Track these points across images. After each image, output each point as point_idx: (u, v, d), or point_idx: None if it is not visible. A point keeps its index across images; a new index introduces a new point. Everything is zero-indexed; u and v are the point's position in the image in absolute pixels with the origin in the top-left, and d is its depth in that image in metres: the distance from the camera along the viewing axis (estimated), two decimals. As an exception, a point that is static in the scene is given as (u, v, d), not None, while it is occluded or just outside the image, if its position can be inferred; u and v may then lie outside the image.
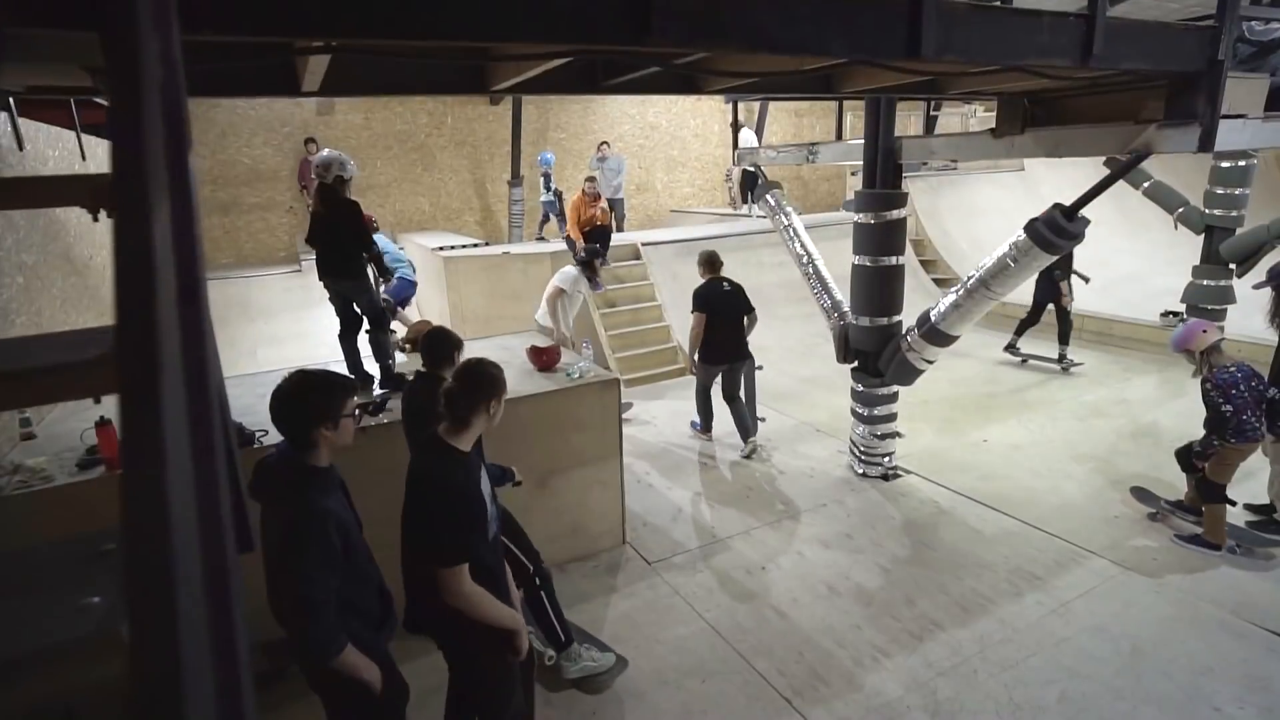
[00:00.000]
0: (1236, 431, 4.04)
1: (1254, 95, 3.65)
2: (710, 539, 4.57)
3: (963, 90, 4.56)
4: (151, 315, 0.48)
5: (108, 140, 0.62)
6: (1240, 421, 4.02)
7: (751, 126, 12.56)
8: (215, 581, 0.51)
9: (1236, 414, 4.02)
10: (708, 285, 5.81)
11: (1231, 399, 4.03)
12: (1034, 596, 3.87)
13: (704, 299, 5.72)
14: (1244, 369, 4.14)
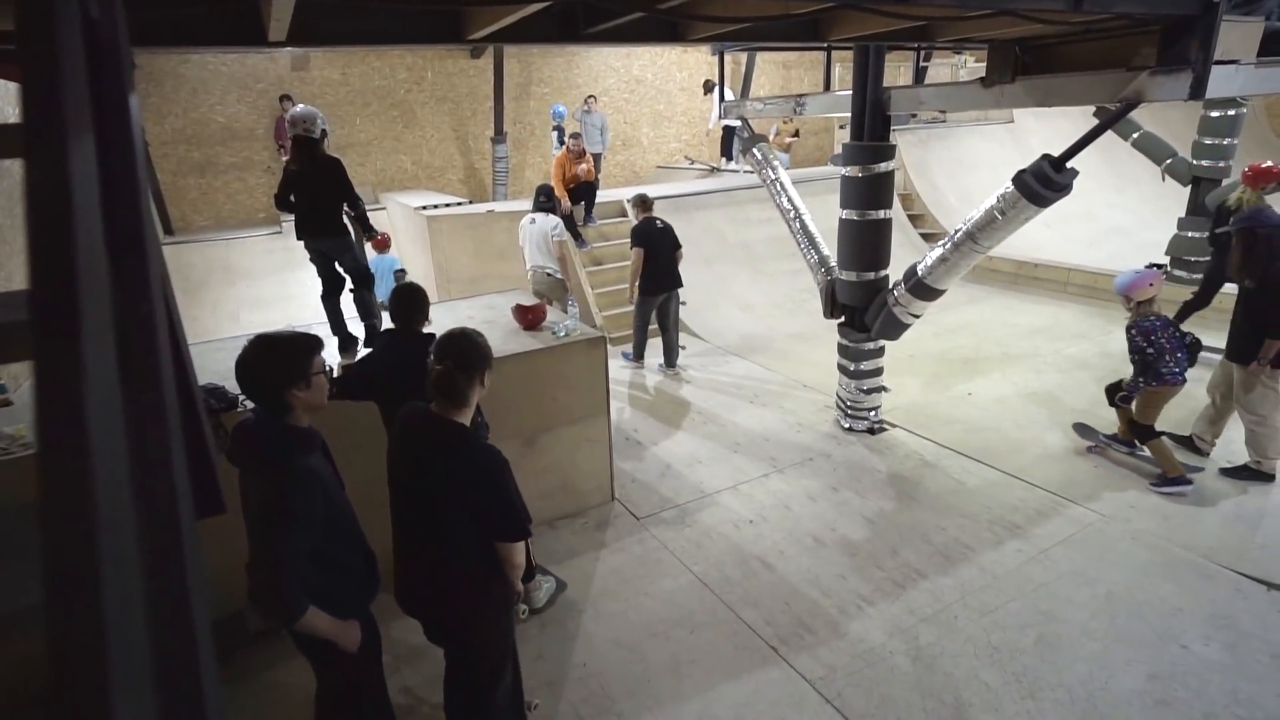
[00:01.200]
0: (1158, 376, 4.30)
1: (1248, 40, 3.59)
2: (698, 494, 4.61)
3: (954, 37, 4.46)
4: (67, 265, 0.44)
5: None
6: (1162, 365, 4.29)
7: (732, 84, 12.30)
8: (163, 550, 0.49)
9: (1159, 356, 4.26)
10: (644, 224, 6.48)
11: (1153, 343, 4.27)
12: (1014, 545, 3.95)
13: (642, 235, 6.38)
14: (1162, 319, 4.38)
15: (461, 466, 2.12)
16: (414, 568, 2.28)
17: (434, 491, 2.16)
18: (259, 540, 1.96)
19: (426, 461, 2.18)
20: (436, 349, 2.18)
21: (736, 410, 5.84)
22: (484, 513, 2.15)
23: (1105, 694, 2.96)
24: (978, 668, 3.12)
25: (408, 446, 2.25)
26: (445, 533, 2.19)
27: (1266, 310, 4.20)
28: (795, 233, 5.82)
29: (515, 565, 2.24)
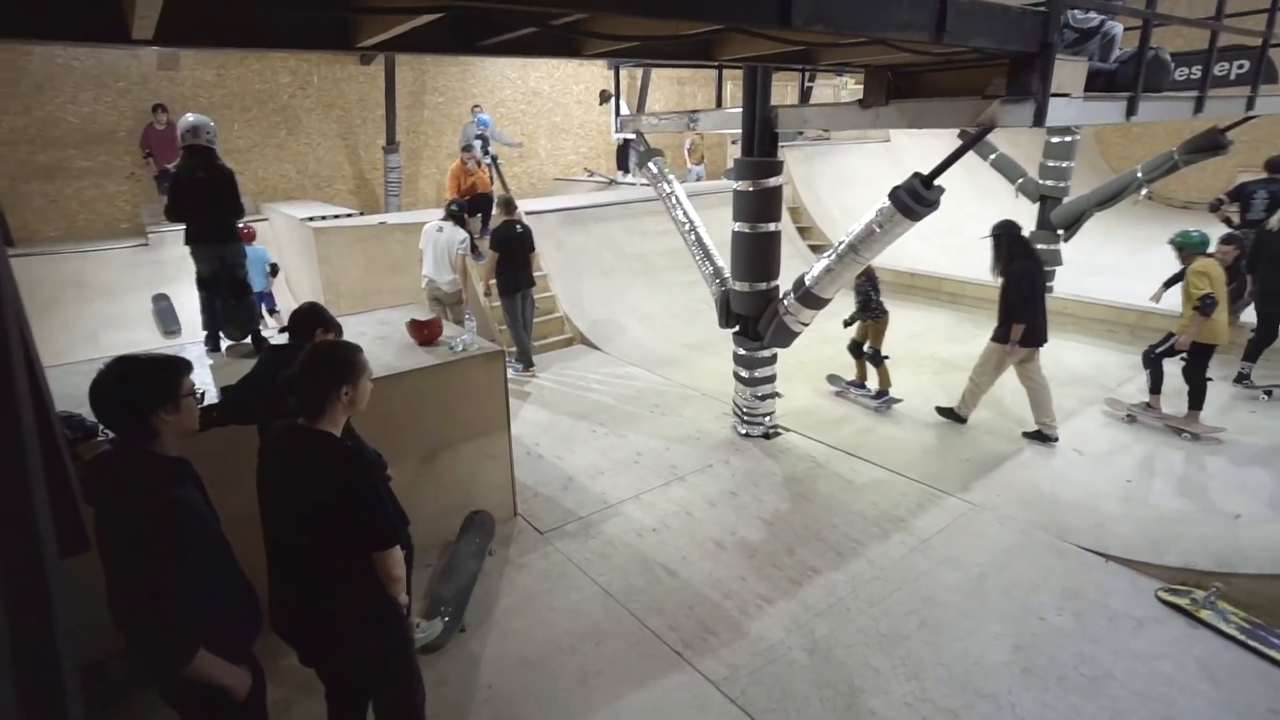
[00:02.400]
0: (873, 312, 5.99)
1: (1076, 76, 4.04)
2: (602, 505, 4.63)
3: (833, 61, 4.74)
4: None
5: None
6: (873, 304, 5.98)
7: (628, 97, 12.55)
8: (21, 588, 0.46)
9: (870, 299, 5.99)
10: (504, 227, 6.73)
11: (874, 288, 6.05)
12: (899, 537, 4.22)
13: (501, 239, 6.67)
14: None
15: (324, 473, 2.03)
16: (288, 592, 2.14)
17: (300, 505, 2.05)
18: (128, 581, 1.77)
19: (291, 474, 2.08)
20: (302, 358, 2.11)
21: (637, 420, 5.92)
22: (350, 520, 2.04)
23: (979, 668, 3.21)
24: (868, 655, 3.31)
25: (272, 462, 2.14)
26: (318, 550, 2.06)
27: (1004, 300, 5.30)
28: (690, 245, 5.98)
29: (393, 578, 2.13)
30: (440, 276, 6.44)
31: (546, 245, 8.59)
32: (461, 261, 6.44)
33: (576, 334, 8.09)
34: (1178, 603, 3.54)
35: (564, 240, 8.81)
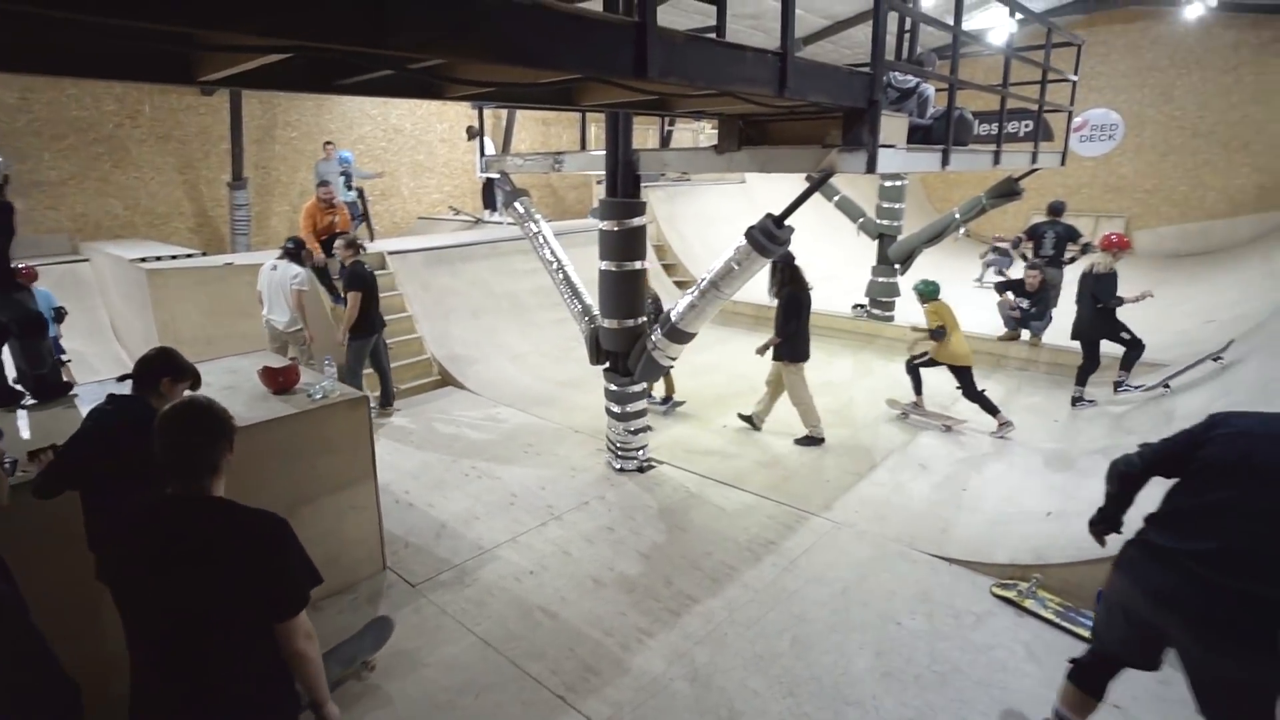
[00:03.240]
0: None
1: (899, 130, 4.54)
2: (477, 551, 4.50)
3: (688, 110, 5.02)
4: None
5: None
6: None
7: (493, 134, 12.57)
8: None
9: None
10: (358, 266, 6.48)
11: None
12: (770, 559, 4.41)
13: (361, 278, 6.40)
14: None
15: (248, 544, 1.79)
16: (181, 691, 1.80)
17: (212, 587, 1.75)
18: None
19: (200, 555, 1.77)
20: (169, 423, 1.85)
21: (511, 461, 5.83)
22: (267, 588, 1.80)
23: (846, 677, 3.40)
24: (746, 677, 3.42)
25: (148, 547, 1.80)
26: (219, 642, 1.77)
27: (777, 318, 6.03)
28: (559, 283, 6.04)
29: (313, 646, 1.88)
30: (276, 316, 6.29)
31: (412, 286, 8.36)
32: (298, 299, 6.25)
33: (446, 375, 7.88)
34: (1007, 595, 3.95)
35: (430, 280, 8.61)
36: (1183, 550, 2.31)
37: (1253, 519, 2.21)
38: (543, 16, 2.32)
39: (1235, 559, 2.21)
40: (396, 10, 1.91)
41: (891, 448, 6.10)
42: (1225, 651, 2.22)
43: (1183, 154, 15.38)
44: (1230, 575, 2.20)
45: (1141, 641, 2.53)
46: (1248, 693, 2.24)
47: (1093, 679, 2.71)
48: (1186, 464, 2.42)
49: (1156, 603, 2.36)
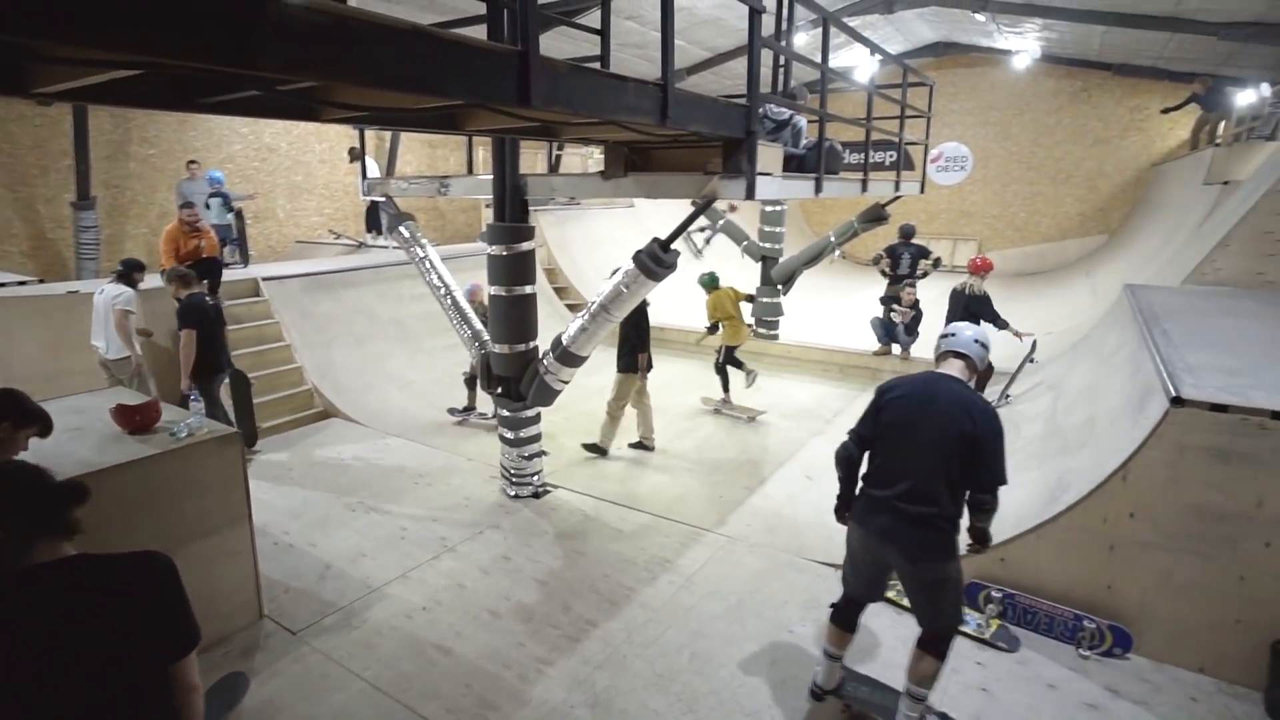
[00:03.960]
0: None
1: (775, 159, 4.82)
2: (365, 591, 4.28)
3: (574, 136, 5.09)
4: None
5: None
6: None
7: (376, 156, 12.19)
8: None
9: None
10: (193, 300, 5.84)
11: None
12: (667, 578, 4.46)
13: (195, 313, 5.77)
14: None
15: (128, 587, 1.68)
16: None
17: (100, 647, 1.61)
18: None
19: (82, 617, 1.62)
20: (29, 486, 1.70)
21: (401, 493, 5.61)
22: (168, 627, 1.72)
23: (744, 688, 3.49)
24: (647, 698, 3.43)
25: (39, 616, 1.61)
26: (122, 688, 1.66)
27: (624, 335, 6.19)
28: (448, 309, 5.92)
29: (200, 690, 1.81)
30: (99, 343, 5.80)
31: (290, 313, 7.91)
32: (122, 319, 5.72)
33: (329, 407, 7.48)
34: (888, 596, 4.17)
35: (310, 308, 8.18)
36: (889, 496, 2.91)
37: (918, 458, 2.86)
38: (423, 43, 2.30)
39: (917, 493, 2.84)
40: (267, 31, 1.83)
41: (780, 461, 6.36)
42: (920, 560, 2.89)
43: (1020, 184, 17.19)
44: (917, 505, 2.84)
45: (872, 578, 3.16)
46: (940, 588, 2.93)
47: (846, 617, 3.27)
48: (876, 432, 3.02)
49: (881, 538, 2.97)
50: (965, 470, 2.82)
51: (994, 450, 2.82)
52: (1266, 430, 3.34)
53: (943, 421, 2.84)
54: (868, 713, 3.28)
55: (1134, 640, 3.74)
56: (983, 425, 2.81)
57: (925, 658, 3.00)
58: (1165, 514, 3.61)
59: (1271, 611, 3.42)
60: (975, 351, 3.11)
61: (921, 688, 3.01)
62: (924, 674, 2.99)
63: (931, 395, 2.93)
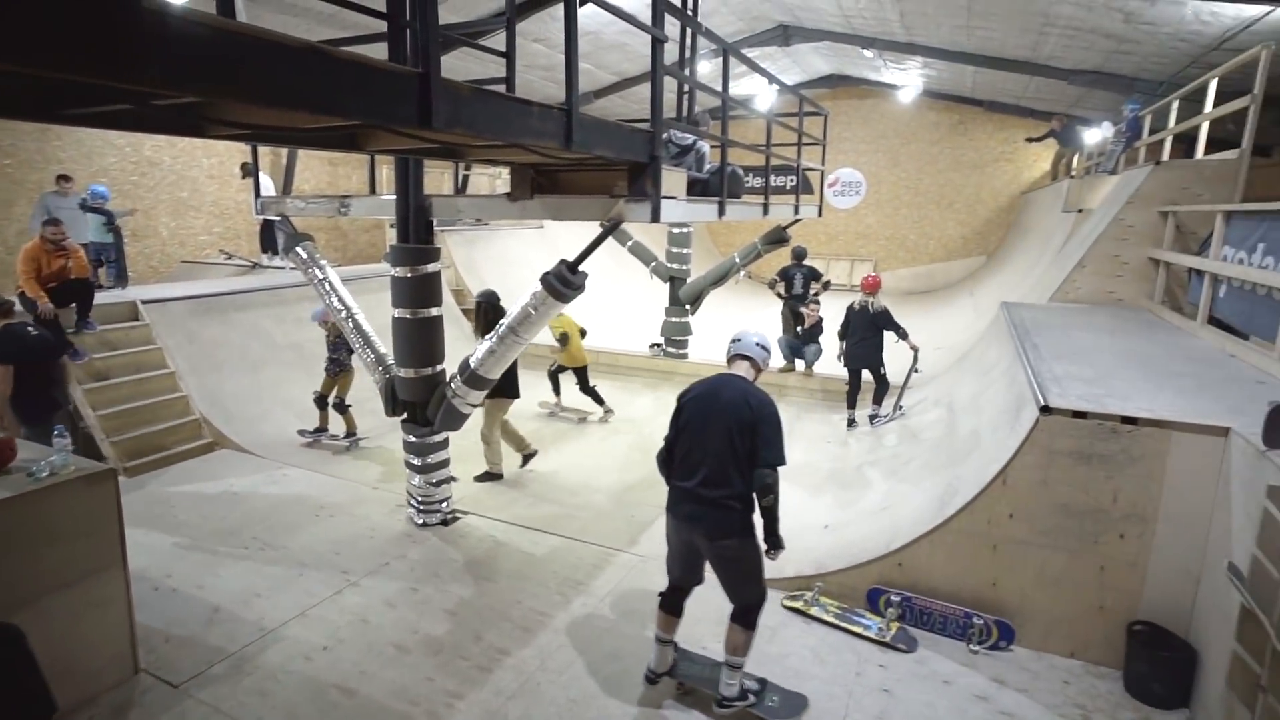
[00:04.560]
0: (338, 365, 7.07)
1: (679, 183, 4.95)
2: (258, 633, 4.02)
3: (479, 158, 5.06)
4: None
5: None
6: (338, 356, 7.07)
7: (272, 172, 11.64)
8: None
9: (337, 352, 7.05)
10: (10, 330, 5.19)
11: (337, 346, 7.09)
12: (580, 600, 4.43)
13: (11, 345, 5.10)
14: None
15: None
16: None
17: None
18: None
19: None
20: None
21: (300, 527, 5.32)
22: (9, 713, 1.52)
23: (661, 707, 3.50)
24: (560, 724, 3.38)
25: None
26: None
27: None
28: (349, 332, 5.71)
29: None
30: None
31: (174, 338, 7.40)
32: None
33: (219, 437, 7.02)
34: (795, 606, 4.34)
35: (197, 332, 7.68)
36: (691, 485, 3.26)
37: (710, 448, 3.22)
38: (318, 61, 2.24)
39: (712, 479, 3.21)
40: (140, 42, 1.73)
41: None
42: (717, 537, 3.27)
43: (910, 209, 18.36)
44: (713, 490, 3.21)
45: (688, 562, 3.49)
46: (739, 563, 3.34)
47: (672, 603, 3.58)
48: (678, 432, 3.38)
49: (689, 524, 3.32)
50: (751, 453, 3.19)
51: (771, 433, 3.20)
52: (1118, 433, 3.70)
53: (727, 412, 3.23)
54: (699, 687, 3.57)
55: (1016, 632, 4.02)
56: (759, 411, 3.21)
57: (736, 629, 3.38)
58: (1038, 513, 3.93)
59: (1128, 597, 3.78)
60: (757, 353, 3.53)
61: (736, 656, 3.39)
62: (736, 644, 3.37)
63: (718, 392, 3.32)
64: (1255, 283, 5.09)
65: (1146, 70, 10.11)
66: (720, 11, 11.97)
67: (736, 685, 3.42)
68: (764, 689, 3.55)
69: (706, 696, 3.51)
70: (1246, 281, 5.23)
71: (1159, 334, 6.01)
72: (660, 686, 3.60)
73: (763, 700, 3.49)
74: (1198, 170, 7.21)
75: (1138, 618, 3.75)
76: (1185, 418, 3.65)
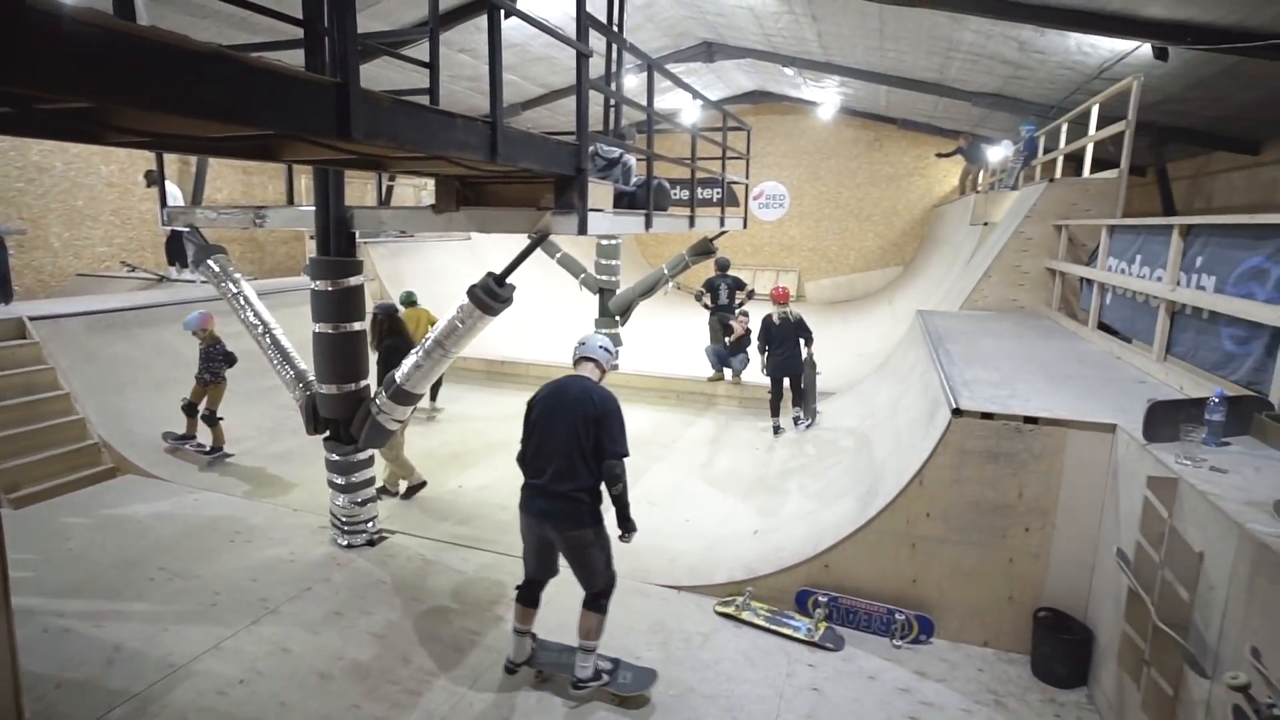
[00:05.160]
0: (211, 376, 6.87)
1: (606, 195, 5.00)
2: (166, 671, 3.78)
3: (401, 169, 4.95)
4: None
5: None
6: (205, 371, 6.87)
7: (181, 180, 11.08)
8: None
9: (208, 365, 6.86)
10: None
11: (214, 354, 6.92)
12: (511, 614, 4.35)
13: None
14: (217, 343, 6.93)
15: None
16: None
17: None
18: None
19: None
20: None
21: (213, 554, 5.04)
22: None
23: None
24: (493, 744, 3.33)
25: None
26: None
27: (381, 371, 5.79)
28: (266, 349, 5.48)
29: None
30: None
31: (69, 358, 6.93)
32: None
33: (120, 462, 6.58)
34: (727, 611, 4.41)
35: (97, 350, 7.21)
36: (542, 482, 3.48)
37: (558, 445, 3.45)
38: (227, 68, 2.16)
39: (560, 474, 3.43)
40: (32, 45, 1.63)
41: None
42: (566, 529, 3.49)
43: (831, 221, 19.05)
44: (562, 484, 3.43)
45: (542, 556, 3.70)
46: (588, 551, 3.56)
47: (529, 595, 3.78)
48: (529, 433, 3.60)
49: (541, 519, 3.53)
50: (597, 448, 3.43)
51: (613, 426, 3.46)
52: (1021, 433, 3.95)
53: (573, 410, 3.47)
54: (556, 673, 3.78)
55: (935, 626, 4.22)
56: (601, 406, 3.47)
57: (589, 615, 3.62)
58: (952, 511, 4.14)
59: (1033, 587, 4.02)
60: (601, 355, 3.87)
61: (589, 640, 3.62)
62: (589, 628, 3.62)
63: (564, 392, 3.58)
64: (1134, 290, 5.54)
65: (1040, 94, 10.86)
66: (646, 27, 12.17)
67: (590, 667, 3.64)
68: (617, 668, 3.78)
69: (564, 681, 3.71)
70: (1128, 290, 5.69)
71: (1056, 338, 6.44)
72: (519, 676, 3.78)
73: (616, 678, 3.72)
74: (1084, 188, 7.79)
75: (1042, 605, 4.00)
76: (1078, 416, 3.93)
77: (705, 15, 12.06)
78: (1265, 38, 6.19)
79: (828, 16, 10.23)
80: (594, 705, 3.63)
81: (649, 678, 3.76)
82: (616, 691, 3.66)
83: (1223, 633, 2.53)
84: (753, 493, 6.36)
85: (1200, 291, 4.44)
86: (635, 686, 3.70)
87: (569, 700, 3.65)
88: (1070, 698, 3.73)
